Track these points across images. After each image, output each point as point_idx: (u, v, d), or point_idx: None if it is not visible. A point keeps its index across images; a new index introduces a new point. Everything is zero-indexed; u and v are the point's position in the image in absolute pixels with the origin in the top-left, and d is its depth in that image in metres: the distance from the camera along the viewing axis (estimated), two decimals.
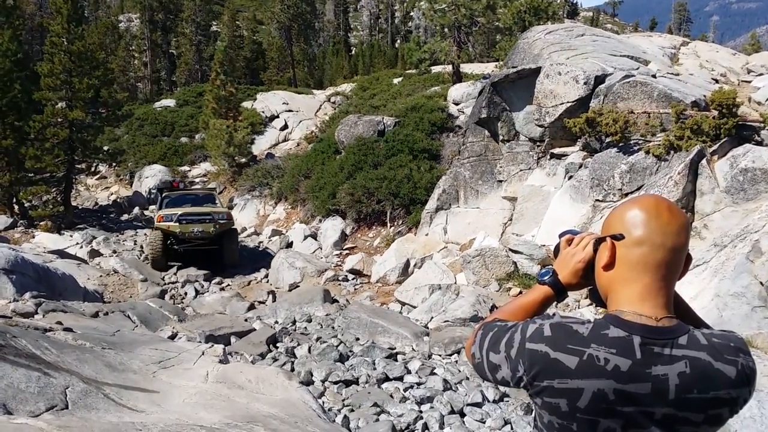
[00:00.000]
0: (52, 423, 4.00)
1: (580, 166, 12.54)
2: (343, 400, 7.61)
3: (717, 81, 15.03)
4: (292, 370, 8.41)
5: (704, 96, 12.08)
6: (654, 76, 13.13)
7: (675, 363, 1.48)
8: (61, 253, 15.39)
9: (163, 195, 17.01)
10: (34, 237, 19.11)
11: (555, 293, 1.77)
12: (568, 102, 13.05)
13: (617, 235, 1.56)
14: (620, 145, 12.00)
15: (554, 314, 1.62)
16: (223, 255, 15.45)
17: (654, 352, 1.48)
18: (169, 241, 15.04)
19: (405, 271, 13.64)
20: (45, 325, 7.55)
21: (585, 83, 12.86)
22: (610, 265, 1.59)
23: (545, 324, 1.57)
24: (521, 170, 14.16)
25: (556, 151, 13.45)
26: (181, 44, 50.46)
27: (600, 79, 12.87)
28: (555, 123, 13.29)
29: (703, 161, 10.77)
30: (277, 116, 31.04)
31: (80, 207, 25.50)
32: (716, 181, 10.51)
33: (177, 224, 14.78)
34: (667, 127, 11.70)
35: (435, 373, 8.32)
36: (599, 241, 1.64)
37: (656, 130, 11.83)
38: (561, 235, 1.82)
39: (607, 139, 12.25)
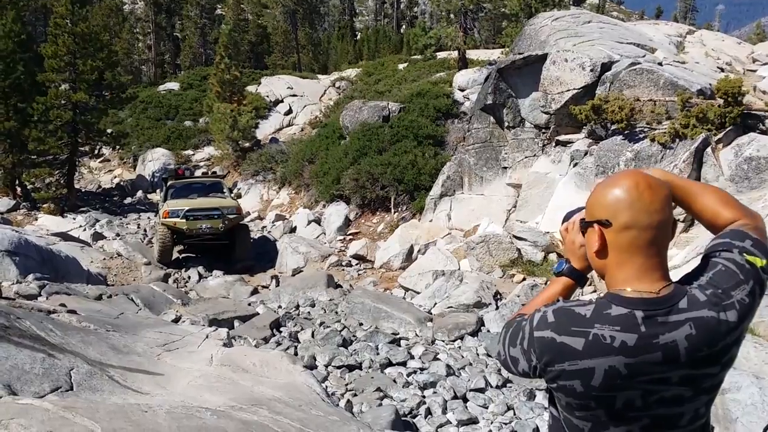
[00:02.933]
0: (57, 404, 4.01)
1: (586, 154, 12.49)
2: (347, 385, 7.64)
3: (722, 70, 14.93)
4: (296, 354, 8.43)
5: (710, 84, 12.01)
6: (660, 64, 13.04)
7: (680, 327, 1.53)
8: (65, 236, 15.41)
9: (168, 185, 16.14)
10: (37, 219, 19.13)
11: (575, 281, 1.80)
12: (574, 89, 12.97)
13: (604, 221, 1.58)
14: (626, 132, 11.94)
15: (557, 301, 1.66)
16: (234, 250, 14.76)
17: (658, 322, 1.53)
18: (176, 236, 14.35)
19: (409, 257, 13.63)
20: (49, 307, 7.57)
21: (591, 70, 12.78)
22: (601, 251, 1.61)
23: (548, 311, 1.61)
24: (526, 157, 14.11)
25: (562, 138, 13.39)
26: (185, 27, 50.27)
27: (606, 67, 12.77)
28: (561, 110, 13.21)
29: (708, 149, 10.73)
30: (282, 101, 30.94)
31: (83, 190, 25.53)
32: (721, 170, 10.47)
33: (184, 220, 13.99)
34: (673, 115, 11.63)
35: (438, 359, 8.34)
36: (586, 225, 1.64)
37: (662, 118, 11.77)
38: (564, 219, 1.83)
39: (613, 127, 12.19)
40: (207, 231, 14.23)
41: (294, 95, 31.39)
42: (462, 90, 20.92)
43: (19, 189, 22.22)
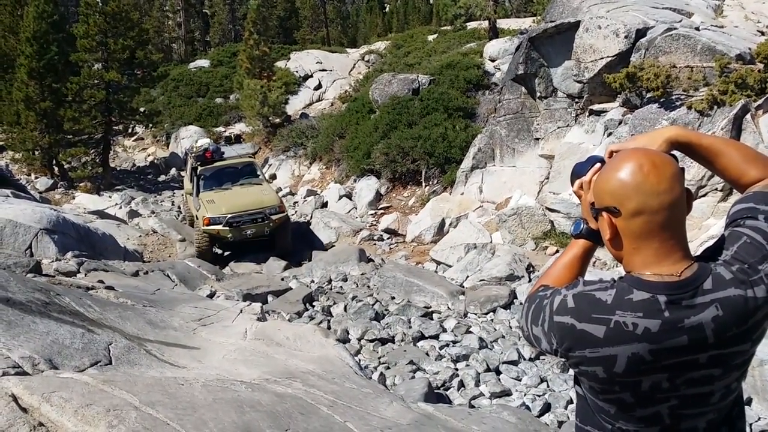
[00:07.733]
0: (96, 377, 4.09)
1: (620, 123, 12.26)
2: (380, 358, 7.69)
3: (763, 33, 14.48)
4: (329, 328, 8.50)
5: (750, 49, 11.66)
6: (697, 29, 12.69)
7: (706, 310, 1.47)
8: (101, 214, 15.69)
9: (198, 173, 14.59)
10: (74, 198, 19.52)
11: (593, 242, 1.75)
12: (608, 57, 12.70)
13: (612, 209, 1.51)
14: (662, 100, 11.68)
15: (578, 282, 1.59)
16: (275, 245, 13.76)
17: (683, 306, 1.47)
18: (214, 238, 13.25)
19: (440, 231, 13.60)
20: (87, 283, 7.72)
21: (626, 37, 12.49)
22: (613, 239, 1.56)
23: (569, 295, 1.56)
24: (559, 127, 13.90)
25: (595, 107, 13.16)
26: (214, 4, 50.31)
27: (641, 33, 12.48)
28: (594, 78, 12.97)
29: (748, 116, 10.45)
30: (311, 76, 30.83)
31: (118, 168, 25.89)
32: (761, 137, 10.20)
33: (227, 228, 12.98)
34: (711, 82, 11.34)
35: (470, 332, 8.34)
36: (596, 212, 1.58)
37: (699, 85, 11.48)
38: (572, 174, 1.76)
39: (648, 95, 11.93)
40: (251, 236, 13.33)
41: (323, 70, 31.25)
42: (493, 60, 20.64)
43: (56, 168, 22.64)
